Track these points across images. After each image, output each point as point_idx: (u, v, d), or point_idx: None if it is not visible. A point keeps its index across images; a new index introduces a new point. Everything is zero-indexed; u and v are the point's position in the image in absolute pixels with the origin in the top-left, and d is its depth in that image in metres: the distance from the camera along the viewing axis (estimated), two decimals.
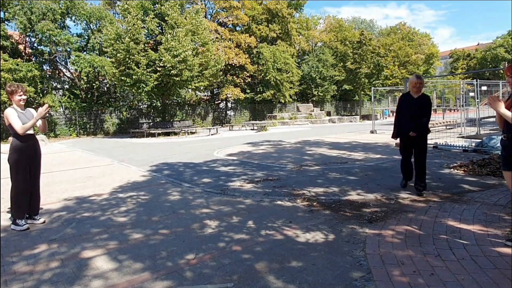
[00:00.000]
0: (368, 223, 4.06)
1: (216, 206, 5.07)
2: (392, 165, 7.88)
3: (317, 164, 8.32)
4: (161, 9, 21.32)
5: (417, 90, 5.19)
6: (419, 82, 5.16)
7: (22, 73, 20.42)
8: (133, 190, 6.30)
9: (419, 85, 5.16)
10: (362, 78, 31.94)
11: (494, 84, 19.43)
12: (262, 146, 13.09)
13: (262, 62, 30.29)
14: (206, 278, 2.91)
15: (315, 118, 30.91)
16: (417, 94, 5.20)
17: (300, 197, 5.36)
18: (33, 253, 3.58)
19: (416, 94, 5.20)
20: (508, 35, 52.09)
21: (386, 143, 12.30)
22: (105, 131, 25.49)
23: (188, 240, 3.76)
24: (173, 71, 19.47)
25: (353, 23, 49.88)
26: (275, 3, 32.22)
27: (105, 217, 4.74)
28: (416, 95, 5.20)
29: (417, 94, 5.19)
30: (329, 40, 38.27)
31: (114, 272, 3.10)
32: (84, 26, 26.15)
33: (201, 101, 31.98)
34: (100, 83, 26.53)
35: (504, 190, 5.13)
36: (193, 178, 7.28)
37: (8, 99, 20.34)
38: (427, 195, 5.18)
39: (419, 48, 45.36)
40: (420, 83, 5.17)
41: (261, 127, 22.87)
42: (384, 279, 2.76)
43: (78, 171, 8.81)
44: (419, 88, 5.18)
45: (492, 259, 3.00)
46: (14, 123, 4.19)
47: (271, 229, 4.01)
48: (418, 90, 5.19)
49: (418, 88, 5.17)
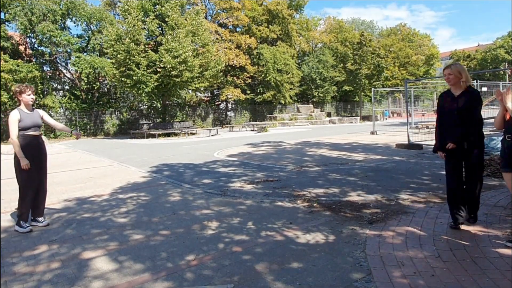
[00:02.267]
0: (369, 224, 4.06)
1: (216, 207, 5.07)
2: (392, 166, 7.88)
3: (317, 165, 8.32)
4: (161, 10, 21.35)
5: (454, 84, 3.77)
6: (448, 73, 3.77)
7: (23, 74, 20.46)
8: (134, 191, 6.30)
9: (450, 77, 3.75)
10: (362, 79, 31.94)
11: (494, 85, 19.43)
12: (262, 147, 13.09)
13: (263, 63, 30.31)
14: (206, 279, 2.90)
15: (315, 119, 30.91)
16: (457, 90, 3.76)
17: (300, 198, 5.36)
18: (33, 254, 3.58)
19: (456, 90, 3.77)
20: (508, 36, 52.13)
21: (386, 144, 12.30)
22: (105, 132, 25.50)
23: (189, 241, 3.76)
24: (173, 72, 19.49)
25: (353, 24, 49.93)
26: (276, 4, 32.26)
27: (105, 218, 4.74)
28: (457, 91, 3.76)
29: (458, 90, 3.75)
30: (329, 41, 38.29)
31: (115, 273, 3.10)
32: (84, 27, 26.21)
33: (201, 102, 31.99)
34: (101, 84, 26.57)
35: (504, 191, 5.13)
36: (193, 179, 7.28)
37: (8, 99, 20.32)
38: (427, 196, 5.18)
39: (419, 49, 45.40)
40: (450, 74, 3.74)
41: (261, 128, 22.87)
42: (384, 280, 2.76)
43: (78, 172, 8.81)
44: (453, 81, 3.74)
45: (492, 260, 3.00)
46: (11, 130, 4.17)
47: (272, 230, 4.01)
48: (455, 84, 3.76)
49: (452, 81, 3.75)
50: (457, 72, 3.71)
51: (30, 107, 4.37)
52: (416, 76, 41.99)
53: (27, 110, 4.33)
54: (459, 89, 3.74)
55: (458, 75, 3.70)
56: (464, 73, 3.71)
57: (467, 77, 3.70)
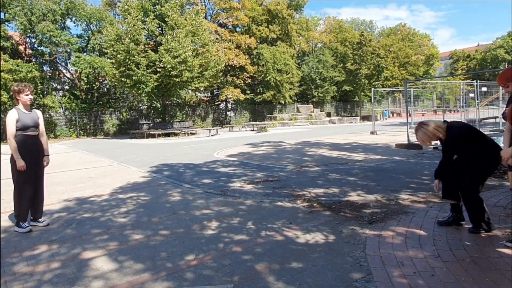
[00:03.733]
0: (368, 224, 4.06)
1: (216, 207, 5.07)
2: (392, 166, 7.89)
3: (317, 165, 8.32)
4: (161, 10, 21.35)
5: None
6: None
7: (22, 73, 20.46)
8: (133, 191, 6.30)
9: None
10: (362, 79, 31.97)
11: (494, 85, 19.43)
12: (262, 147, 13.09)
13: (262, 63, 30.31)
14: (206, 279, 2.91)
15: (315, 119, 30.91)
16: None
17: (300, 198, 5.36)
18: (33, 254, 3.58)
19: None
20: (508, 36, 52.18)
21: (386, 144, 12.30)
22: (105, 132, 25.50)
23: (189, 241, 3.76)
24: (173, 72, 19.49)
25: (353, 24, 49.94)
26: (275, 4, 32.26)
27: (105, 218, 4.74)
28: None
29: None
30: (329, 41, 38.30)
31: (115, 272, 3.10)
32: (84, 27, 26.22)
33: (201, 102, 32.00)
34: (100, 84, 26.56)
35: (504, 191, 5.13)
36: (193, 179, 7.28)
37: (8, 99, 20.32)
38: (427, 195, 5.18)
39: (419, 49, 45.42)
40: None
41: (261, 128, 22.88)
42: (384, 280, 2.76)
43: (78, 172, 8.81)
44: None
45: (492, 260, 3.00)
46: (8, 128, 4.15)
47: (271, 230, 4.01)
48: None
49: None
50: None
51: (28, 107, 4.34)
52: (416, 76, 42.02)
53: (25, 110, 4.31)
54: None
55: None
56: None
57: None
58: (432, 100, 37.44)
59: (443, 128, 3.69)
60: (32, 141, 4.31)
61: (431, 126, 3.69)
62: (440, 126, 3.70)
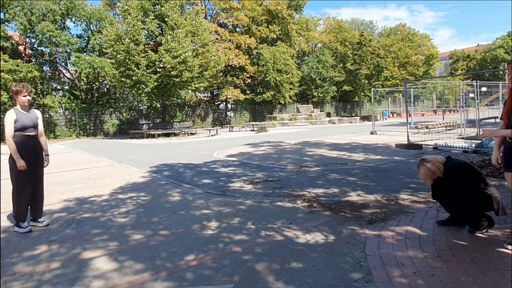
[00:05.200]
0: (368, 224, 4.06)
1: (216, 207, 5.07)
2: (392, 166, 7.89)
3: (317, 165, 8.32)
4: (161, 10, 21.34)
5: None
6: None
7: (22, 74, 20.45)
8: (133, 191, 6.30)
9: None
10: (362, 79, 31.96)
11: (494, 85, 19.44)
12: (262, 147, 13.09)
13: (262, 63, 30.31)
14: (206, 279, 2.91)
15: (315, 119, 30.91)
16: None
17: (300, 198, 5.36)
18: (33, 254, 3.58)
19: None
20: (508, 36, 52.18)
21: (386, 144, 12.30)
22: (105, 132, 25.49)
23: (188, 241, 3.76)
24: (173, 72, 19.48)
25: (353, 24, 49.95)
26: (275, 4, 32.26)
27: (105, 218, 4.74)
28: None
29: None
30: (329, 41, 38.31)
31: (115, 272, 3.10)
32: (84, 27, 26.20)
33: (201, 102, 31.99)
34: (100, 84, 26.56)
35: (504, 191, 5.12)
36: (193, 179, 7.28)
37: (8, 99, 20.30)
38: (427, 195, 5.18)
39: (419, 49, 45.45)
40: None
41: (261, 128, 22.87)
42: (384, 280, 2.76)
43: (78, 172, 8.81)
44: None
45: (492, 260, 3.00)
46: (6, 128, 4.14)
47: (271, 230, 4.01)
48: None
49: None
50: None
51: (26, 108, 4.34)
52: (415, 76, 42.03)
53: (24, 110, 4.30)
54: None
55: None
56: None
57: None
58: (432, 100, 37.46)
59: (441, 163, 3.68)
60: (31, 142, 4.30)
61: (430, 163, 3.69)
62: (439, 161, 3.69)
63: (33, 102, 21.13)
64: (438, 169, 3.68)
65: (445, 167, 3.67)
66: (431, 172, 3.69)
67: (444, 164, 3.68)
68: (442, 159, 3.74)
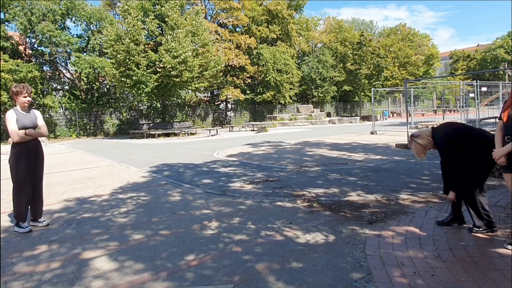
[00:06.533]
0: (368, 224, 4.06)
1: (216, 207, 5.07)
2: (392, 166, 7.89)
3: (317, 165, 8.32)
4: (161, 10, 21.34)
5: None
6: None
7: (22, 74, 20.46)
8: (133, 191, 6.30)
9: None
10: (362, 79, 31.95)
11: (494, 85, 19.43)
12: (262, 147, 13.09)
13: (262, 63, 30.31)
14: (207, 279, 2.91)
15: (315, 119, 30.91)
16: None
17: (300, 198, 5.36)
18: (33, 254, 3.58)
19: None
20: (508, 36, 52.19)
21: (386, 144, 12.30)
22: (105, 132, 25.50)
23: (189, 241, 3.76)
24: (173, 72, 19.49)
25: (353, 24, 49.93)
26: (275, 4, 32.25)
27: (105, 218, 4.74)
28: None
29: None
30: (329, 41, 38.30)
31: (115, 272, 3.10)
32: (84, 27, 26.21)
33: (201, 102, 31.98)
34: (100, 84, 26.57)
35: (504, 191, 5.13)
36: (193, 179, 7.28)
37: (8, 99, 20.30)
38: (427, 195, 5.18)
39: (419, 49, 45.44)
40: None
41: (261, 128, 22.87)
42: (384, 280, 2.76)
43: (78, 172, 8.81)
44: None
45: (492, 260, 3.00)
46: (9, 128, 4.14)
47: (271, 230, 4.01)
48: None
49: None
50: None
51: (26, 108, 4.34)
52: (416, 76, 42.02)
53: (23, 111, 4.31)
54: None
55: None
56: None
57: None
58: (432, 100, 37.44)
59: (429, 135, 3.70)
60: (31, 142, 4.31)
61: (420, 138, 3.73)
62: (428, 134, 3.71)
63: (33, 102, 21.16)
64: (429, 142, 3.71)
65: (433, 139, 3.70)
66: (422, 146, 3.72)
67: (432, 137, 3.71)
68: (429, 131, 3.77)
